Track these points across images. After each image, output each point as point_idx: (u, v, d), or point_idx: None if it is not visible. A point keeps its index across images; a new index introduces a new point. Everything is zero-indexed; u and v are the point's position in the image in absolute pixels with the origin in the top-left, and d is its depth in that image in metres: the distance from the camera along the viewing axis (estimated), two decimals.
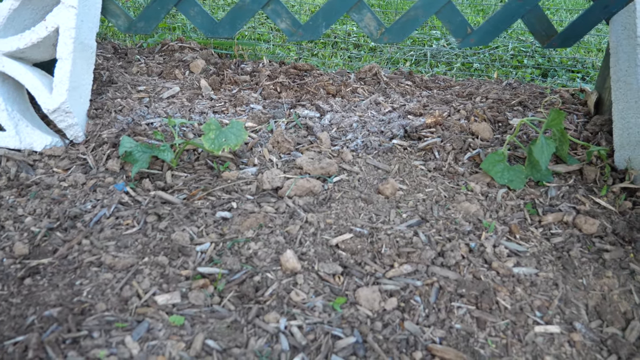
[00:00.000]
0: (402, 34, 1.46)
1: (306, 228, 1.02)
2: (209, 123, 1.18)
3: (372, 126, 1.43)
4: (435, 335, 0.81)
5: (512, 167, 1.20)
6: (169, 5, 1.46)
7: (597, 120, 1.48)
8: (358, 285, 0.89)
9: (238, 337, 0.79)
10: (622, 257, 0.99)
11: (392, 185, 1.15)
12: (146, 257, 0.93)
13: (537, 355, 0.79)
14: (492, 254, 0.97)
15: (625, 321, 0.87)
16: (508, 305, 0.87)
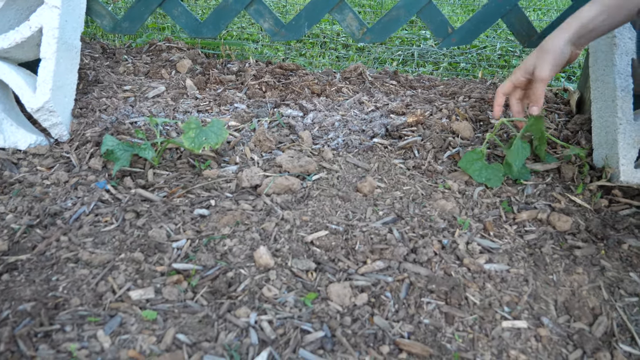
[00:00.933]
0: (384, 34, 1.47)
1: (282, 225, 1.03)
2: (189, 122, 1.19)
3: (354, 125, 1.44)
4: (404, 330, 0.82)
5: (489, 166, 1.21)
6: (152, 5, 1.48)
7: (577, 120, 1.50)
8: (330, 281, 0.91)
9: (208, 331, 0.80)
10: (594, 254, 1.00)
11: (370, 183, 1.17)
12: (123, 253, 0.95)
13: (502, 350, 0.80)
14: (465, 250, 0.99)
15: (593, 316, 0.88)
16: (477, 301, 0.88)
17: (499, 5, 1.40)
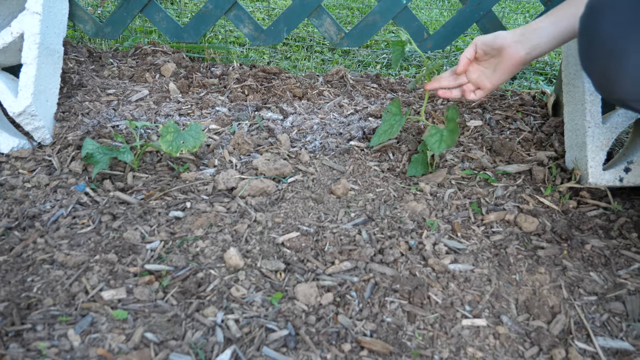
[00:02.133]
0: (362, 39, 1.50)
1: (254, 227, 1.06)
2: (167, 126, 1.22)
3: (332, 128, 1.47)
4: (367, 329, 0.85)
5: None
6: (134, 11, 1.50)
7: (552, 122, 1.53)
8: (298, 281, 0.93)
9: (176, 330, 0.83)
10: (557, 254, 1.03)
11: (344, 185, 1.19)
12: (97, 254, 0.97)
13: (460, 347, 0.83)
14: (431, 251, 1.02)
15: (551, 315, 0.91)
16: (439, 300, 0.91)
17: (473, 10, 1.43)
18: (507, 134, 1.49)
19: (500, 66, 1.09)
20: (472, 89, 1.17)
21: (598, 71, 0.78)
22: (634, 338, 0.87)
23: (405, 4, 1.42)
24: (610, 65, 0.75)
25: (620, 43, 0.72)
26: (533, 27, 1.03)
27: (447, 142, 1.19)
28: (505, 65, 1.07)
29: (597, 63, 0.77)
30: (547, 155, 1.37)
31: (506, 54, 1.06)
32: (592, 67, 0.79)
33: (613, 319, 0.90)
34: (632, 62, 0.72)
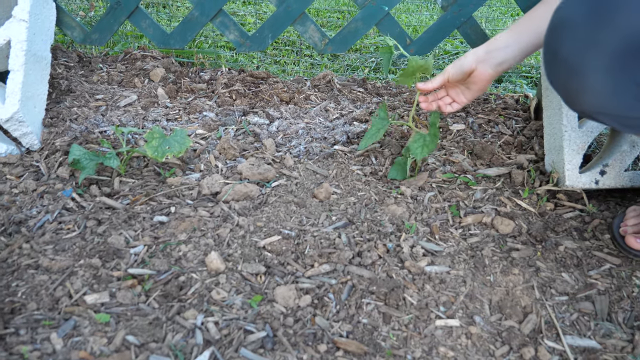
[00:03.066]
0: (345, 45, 1.52)
1: (236, 231, 1.08)
2: (152, 132, 1.24)
3: (317, 133, 1.50)
4: (343, 330, 0.88)
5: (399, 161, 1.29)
6: (121, 18, 1.53)
7: (533, 126, 1.56)
8: (278, 284, 0.96)
9: (157, 332, 0.85)
10: (531, 256, 1.06)
11: (326, 189, 1.22)
12: (82, 259, 1.00)
13: (433, 347, 0.86)
14: (408, 253, 1.04)
15: (523, 315, 0.94)
16: (414, 301, 0.94)
17: (454, 17, 1.46)
18: (488, 137, 1.51)
19: (472, 85, 1.15)
20: (449, 101, 1.22)
21: (561, 86, 0.81)
22: (602, 337, 0.90)
23: (387, 10, 1.45)
24: (571, 81, 0.77)
25: (579, 61, 0.74)
26: (497, 45, 1.08)
27: (429, 147, 1.22)
28: (477, 85, 1.14)
29: (560, 79, 0.80)
30: (528, 158, 1.40)
31: (475, 75, 1.11)
32: (556, 82, 0.82)
33: (582, 319, 0.93)
34: (591, 80, 0.74)
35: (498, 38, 1.09)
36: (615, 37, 0.69)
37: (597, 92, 0.75)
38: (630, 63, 0.70)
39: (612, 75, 0.72)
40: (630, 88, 0.72)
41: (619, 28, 0.68)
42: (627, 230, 1.09)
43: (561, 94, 0.83)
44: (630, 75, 0.71)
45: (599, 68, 0.72)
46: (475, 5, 1.44)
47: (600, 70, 0.72)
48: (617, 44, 0.69)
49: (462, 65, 1.10)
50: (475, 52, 1.10)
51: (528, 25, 1.05)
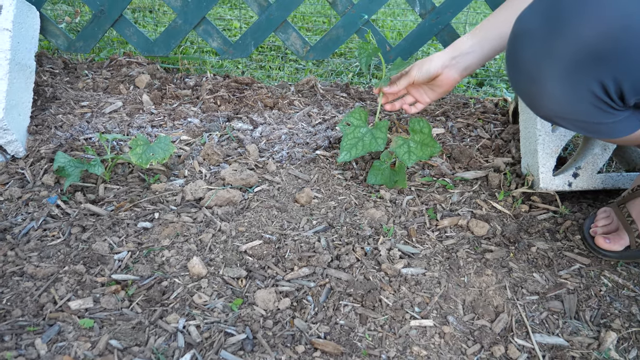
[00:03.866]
0: (327, 52, 1.56)
1: (218, 236, 1.11)
2: (136, 139, 1.26)
3: (299, 138, 1.53)
4: (321, 331, 0.91)
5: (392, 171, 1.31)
6: (105, 26, 1.55)
7: (510, 129, 1.60)
8: (258, 287, 0.99)
9: (140, 336, 0.88)
10: (504, 257, 1.10)
11: (307, 194, 1.25)
12: (66, 266, 1.02)
13: (407, 346, 0.89)
14: (386, 256, 1.07)
15: (495, 314, 0.97)
16: (390, 303, 0.97)
17: (432, 24, 1.50)
18: (467, 141, 1.55)
19: (437, 88, 1.21)
20: (411, 101, 1.27)
21: (523, 92, 0.85)
22: (569, 334, 0.93)
23: (367, 18, 1.48)
24: (531, 88, 0.81)
25: (537, 70, 0.78)
26: (462, 50, 1.12)
27: (416, 154, 1.24)
28: (442, 87, 1.20)
29: (521, 85, 0.84)
30: (505, 161, 1.44)
31: (441, 79, 1.17)
32: (518, 89, 0.85)
33: (551, 317, 0.97)
34: (548, 87, 0.78)
35: (463, 42, 1.13)
36: (567, 47, 0.73)
37: (555, 99, 0.79)
38: (583, 71, 0.74)
39: (567, 83, 0.76)
40: (586, 94, 0.77)
41: (571, 39, 0.72)
42: (597, 231, 1.13)
43: (523, 99, 0.87)
44: (584, 83, 0.75)
45: (555, 76, 0.76)
46: (453, 12, 1.47)
47: (556, 78, 0.76)
48: (570, 53, 0.73)
49: (429, 70, 1.14)
50: (441, 58, 1.13)
51: (491, 30, 1.09)
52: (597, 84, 0.75)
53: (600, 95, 0.76)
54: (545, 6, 0.75)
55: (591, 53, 0.72)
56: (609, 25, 0.68)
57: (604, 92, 0.76)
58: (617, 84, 0.74)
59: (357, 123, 1.30)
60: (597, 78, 0.74)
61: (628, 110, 0.82)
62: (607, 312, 0.99)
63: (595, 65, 0.73)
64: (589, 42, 0.71)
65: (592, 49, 0.71)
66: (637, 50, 0.69)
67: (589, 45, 0.71)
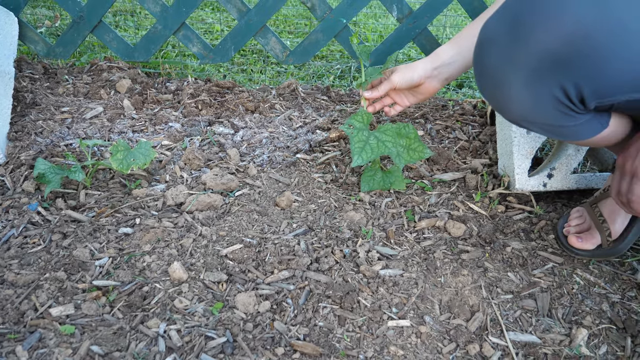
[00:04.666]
0: (306, 56, 1.57)
1: (199, 241, 1.12)
2: (117, 145, 1.27)
3: (280, 142, 1.54)
4: (300, 333, 0.92)
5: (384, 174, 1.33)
6: (84, 32, 1.55)
7: (488, 131, 1.63)
8: (239, 291, 1.00)
9: (121, 342, 0.89)
10: (480, 257, 1.12)
11: (288, 197, 1.26)
12: (47, 273, 1.02)
13: (384, 346, 0.91)
14: (364, 258, 1.09)
15: (471, 313, 1.00)
16: (368, 304, 0.99)
17: (409, 29, 1.52)
18: (445, 143, 1.58)
19: (419, 95, 1.26)
20: (389, 102, 1.33)
21: (490, 97, 0.88)
22: (542, 332, 0.96)
23: (345, 23, 1.50)
24: (497, 93, 0.84)
25: (502, 75, 0.81)
26: (443, 61, 1.16)
27: (405, 158, 1.25)
28: (424, 95, 1.25)
29: (488, 90, 0.86)
30: (482, 162, 1.46)
31: (423, 87, 1.22)
32: (485, 94, 0.88)
33: (525, 315, 0.99)
34: (513, 92, 0.81)
35: (444, 52, 1.16)
36: (529, 54, 0.76)
37: (520, 103, 0.82)
38: (545, 77, 0.77)
39: (530, 88, 0.79)
40: (548, 99, 0.80)
41: (532, 46, 0.75)
42: (570, 230, 1.16)
43: (491, 103, 0.90)
44: (546, 88, 0.78)
45: (518, 81, 0.79)
46: (430, 17, 1.50)
47: (520, 84, 0.79)
48: (532, 60, 0.76)
49: (412, 79, 1.17)
50: (423, 68, 1.17)
51: (470, 41, 1.12)
52: (558, 88, 0.78)
53: (562, 99, 0.79)
54: (508, 15, 0.78)
55: (552, 59, 0.74)
56: (568, 33, 0.71)
57: (565, 96, 0.79)
58: (577, 89, 0.77)
59: (359, 126, 1.25)
60: (559, 83, 0.77)
61: (590, 114, 0.85)
62: (579, 309, 1.02)
63: (556, 71, 0.76)
64: (550, 49, 0.74)
65: (553, 55, 0.74)
66: (594, 57, 0.72)
67: (549, 52, 0.74)
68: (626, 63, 0.73)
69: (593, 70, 0.74)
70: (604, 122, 0.89)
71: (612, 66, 0.73)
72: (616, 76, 0.75)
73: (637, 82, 0.75)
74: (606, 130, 0.90)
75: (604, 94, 0.78)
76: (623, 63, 0.73)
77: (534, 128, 0.88)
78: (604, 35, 0.71)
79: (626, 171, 0.86)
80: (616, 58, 0.72)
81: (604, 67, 0.74)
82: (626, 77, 0.75)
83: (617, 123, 0.91)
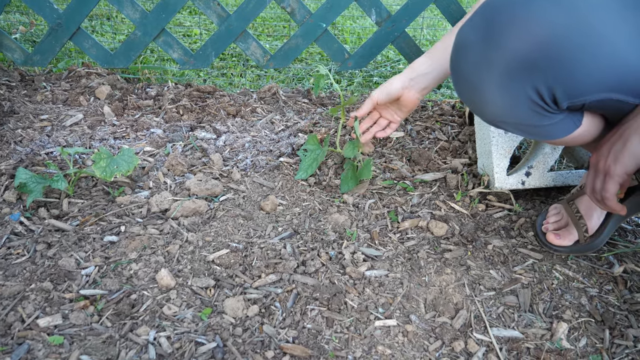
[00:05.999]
0: (286, 60, 1.59)
1: (185, 247, 1.12)
2: (99, 152, 1.27)
3: (263, 146, 1.55)
4: (289, 336, 0.94)
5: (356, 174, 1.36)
6: (63, 39, 1.54)
7: (467, 131, 1.66)
8: (227, 296, 1.01)
9: (111, 350, 0.89)
10: (462, 255, 1.15)
11: (272, 201, 1.28)
12: (33, 283, 1.02)
13: (372, 346, 0.93)
14: (350, 260, 1.11)
15: (455, 311, 1.02)
16: (355, 305, 1.01)
17: (388, 32, 1.54)
18: (426, 143, 1.61)
19: (403, 108, 1.29)
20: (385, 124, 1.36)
21: (467, 100, 0.90)
22: (524, 327, 0.99)
23: (325, 27, 1.52)
24: (474, 96, 0.87)
25: (477, 79, 0.84)
26: (419, 71, 1.20)
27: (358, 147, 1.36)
28: (407, 107, 1.28)
29: (464, 93, 0.89)
30: (462, 162, 1.49)
31: (403, 100, 1.25)
32: (462, 96, 0.91)
33: (507, 311, 1.02)
34: (488, 94, 0.84)
35: (420, 64, 1.20)
36: (502, 57, 0.79)
37: (495, 105, 0.85)
38: (518, 79, 0.80)
39: (505, 90, 0.82)
40: (522, 100, 0.83)
41: (505, 50, 0.78)
42: (549, 227, 1.19)
43: (468, 105, 0.93)
44: (520, 89, 0.81)
45: (493, 84, 0.82)
46: (408, 20, 1.53)
47: (495, 86, 0.82)
48: (505, 63, 0.79)
49: (390, 92, 1.21)
50: (400, 80, 1.21)
51: (444, 53, 1.16)
52: (532, 90, 0.81)
53: (535, 100, 0.82)
54: (482, 20, 0.81)
55: (524, 62, 0.78)
56: (539, 37, 0.75)
57: (539, 97, 0.82)
58: (549, 90, 0.80)
59: (312, 147, 1.42)
60: (532, 85, 0.80)
61: (563, 113, 0.88)
62: (559, 304, 1.05)
63: (528, 73, 0.79)
64: (521, 52, 0.77)
65: (525, 58, 0.77)
66: (565, 59, 0.75)
67: (521, 55, 0.77)
68: (595, 65, 0.76)
69: (564, 72, 0.77)
70: (577, 122, 0.92)
71: (582, 68, 0.77)
72: (586, 77, 0.78)
73: (606, 82, 0.79)
74: (579, 129, 0.94)
75: (575, 94, 0.81)
76: (592, 65, 0.76)
77: (510, 128, 0.91)
78: (574, 38, 0.74)
79: (599, 169, 0.89)
80: (586, 60, 0.76)
81: (574, 69, 0.77)
82: (595, 78, 0.78)
83: (590, 122, 0.95)
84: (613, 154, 0.85)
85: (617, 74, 0.77)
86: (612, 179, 0.86)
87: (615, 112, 0.87)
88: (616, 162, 0.85)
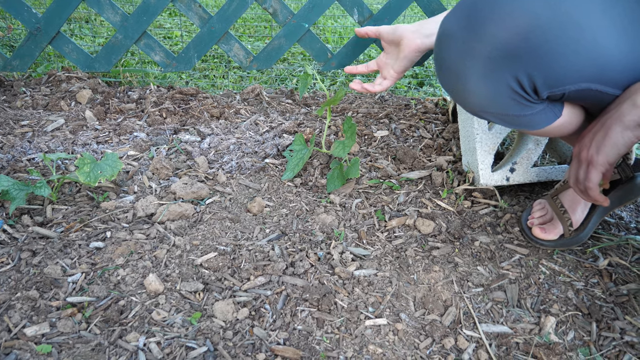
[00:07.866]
0: (269, 61, 1.58)
1: (173, 251, 1.12)
2: (83, 158, 1.25)
3: (248, 147, 1.55)
4: (280, 338, 0.94)
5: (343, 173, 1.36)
6: (42, 43, 1.52)
7: (450, 128, 1.67)
8: (216, 300, 1.01)
9: (100, 358, 0.88)
10: (450, 253, 1.16)
11: (259, 203, 1.27)
12: (18, 292, 1.00)
13: (363, 346, 0.93)
14: (338, 260, 1.11)
15: (444, 308, 1.03)
16: (345, 305, 1.01)
17: None
18: (410, 142, 1.62)
19: (401, 54, 1.25)
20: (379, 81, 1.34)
21: (450, 89, 0.92)
22: (512, 322, 1.00)
23: (307, 27, 1.52)
24: (457, 85, 0.88)
25: (460, 68, 0.85)
26: (428, 20, 1.22)
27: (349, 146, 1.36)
28: (405, 52, 1.24)
29: (448, 83, 0.91)
30: (447, 159, 1.51)
31: (404, 42, 1.23)
32: (446, 86, 0.92)
33: (496, 307, 1.03)
34: (470, 84, 0.85)
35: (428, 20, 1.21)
36: (484, 47, 0.80)
37: (478, 94, 0.86)
38: (499, 68, 0.81)
39: (487, 79, 0.83)
40: (504, 89, 0.84)
41: (486, 40, 0.79)
42: (534, 222, 1.21)
43: (451, 95, 0.94)
44: (501, 79, 0.83)
45: (475, 73, 0.83)
46: (390, 19, 1.53)
47: (477, 75, 0.84)
48: (487, 52, 0.80)
49: (396, 29, 1.23)
50: (407, 26, 1.22)
51: None
52: (513, 79, 0.82)
53: (516, 89, 0.84)
54: (464, 11, 0.82)
55: (505, 51, 0.79)
56: (520, 26, 0.76)
57: (519, 86, 0.84)
58: (530, 79, 0.82)
59: (299, 148, 1.43)
60: (513, 74, 0.82)
61: (544, 103, 0.90)
62: (546, 298, 1.06)
63: (509, 62, 0.80)
64: (503, 41, 0.78)
65: (506, 47, 0.78)
66: (545, 49, 0.77)
67: (502, 44, 0.78)
68: (575, 55, 0.78)
69: (544, 61, 0.79)
70: (557, 112, 0.94)
71: (561, 58, 0.78)
72: (566, 67, 0.80)
73: (586, 72, 0.80)
74: (560, 120, 0.95)
75: (554, 84, 0.83)
76: (572, 55, 0.78)
77: (492, 118, 0.93)
78: (554, 29, 0.76)
79: (582, 159, 0.90)
80: (566, 50, 0.77)
81: (554, 59, 0.78)
82: (575, 68, 0.80)
83: (570, 113, 0.96)
84: (595, 144, 0.87)
85: (597, 64, 0.79)
86: (594, 169, 0.88)
87: (596, 103, 0.89)
88: (598, 151, 0.86)
